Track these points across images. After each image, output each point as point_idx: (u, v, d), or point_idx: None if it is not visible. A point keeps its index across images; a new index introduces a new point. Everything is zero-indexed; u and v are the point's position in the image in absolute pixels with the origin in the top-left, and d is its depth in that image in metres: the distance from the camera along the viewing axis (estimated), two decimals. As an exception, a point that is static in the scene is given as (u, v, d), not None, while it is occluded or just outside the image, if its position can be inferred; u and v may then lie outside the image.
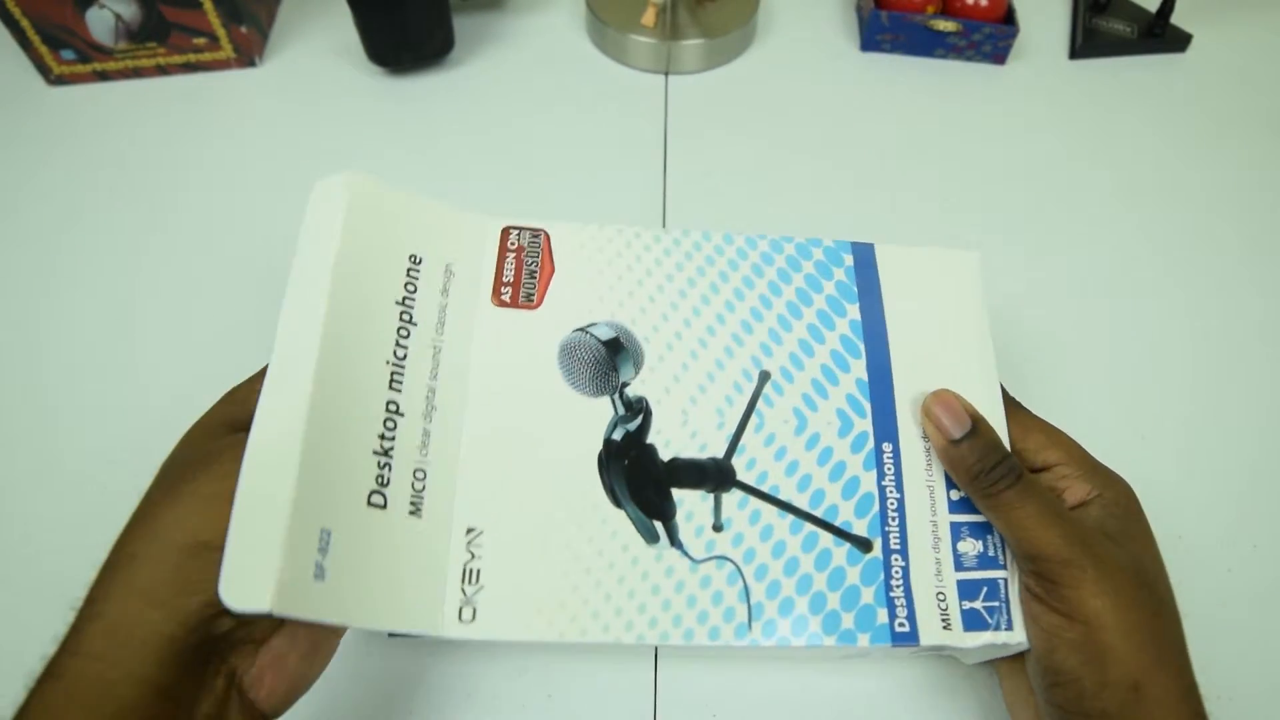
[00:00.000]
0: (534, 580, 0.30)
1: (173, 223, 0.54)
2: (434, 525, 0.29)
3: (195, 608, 0.25)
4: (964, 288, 0.36)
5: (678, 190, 0.56)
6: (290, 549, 0.24)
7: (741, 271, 0.36)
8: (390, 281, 0.31)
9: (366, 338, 0.30)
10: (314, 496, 0.26)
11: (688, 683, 0.37)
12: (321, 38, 0.66)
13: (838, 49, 0.67)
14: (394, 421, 0.29)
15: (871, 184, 0.57)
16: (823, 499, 0.32)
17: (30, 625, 0.38)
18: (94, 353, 0.48)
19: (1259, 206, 0.57)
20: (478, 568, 0.29)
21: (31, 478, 0.43)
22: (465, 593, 0.29)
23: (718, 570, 0.30)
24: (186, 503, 0.26)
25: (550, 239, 0.36)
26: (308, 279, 0.30)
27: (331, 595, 0.25)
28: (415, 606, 0.28)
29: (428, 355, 0.31)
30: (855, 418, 0.33)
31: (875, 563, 0.31)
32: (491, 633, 0.29)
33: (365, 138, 0.60)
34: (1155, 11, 0.67)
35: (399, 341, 0.30)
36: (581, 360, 0.33)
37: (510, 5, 0.69)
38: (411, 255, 0.32)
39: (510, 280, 0.34)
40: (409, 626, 0.28)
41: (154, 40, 0.61)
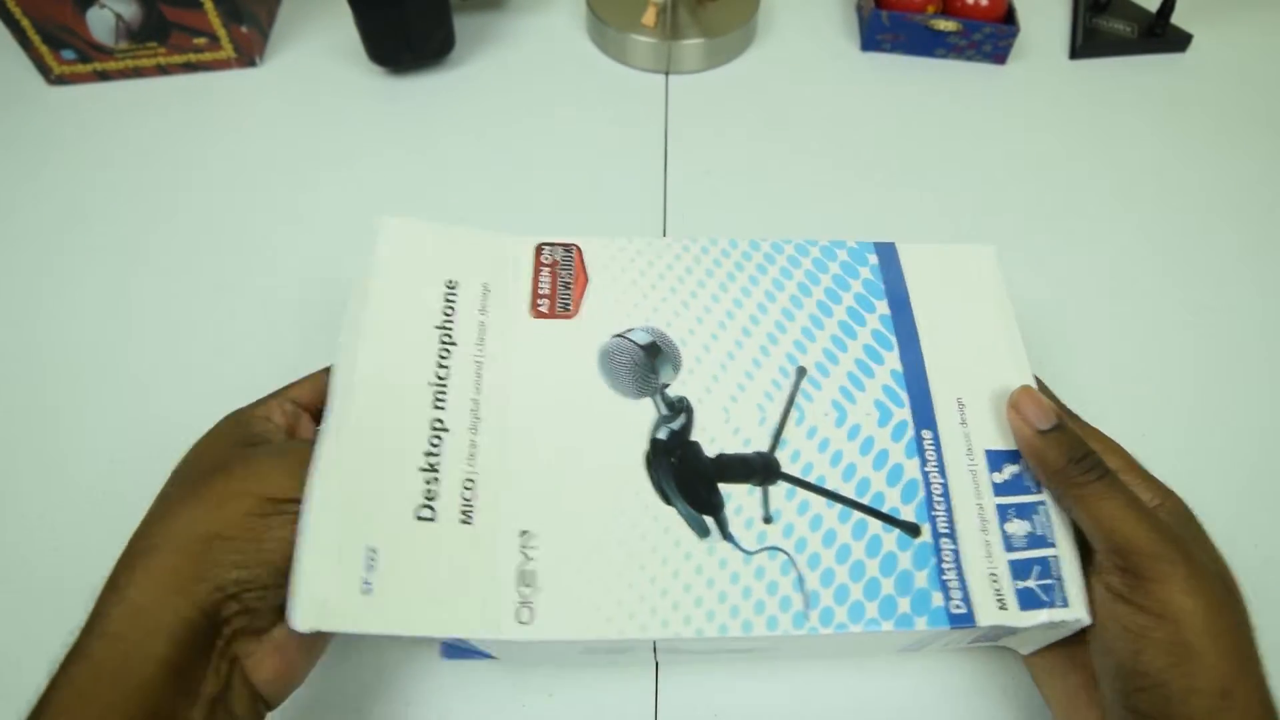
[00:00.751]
0: (590, 580, 0.30)
1: (173, 222, 0.54)
2: (486, 531, 0.30)
3: (207, 592, 0.27)
4: (985, 280, 0.38)
5: (678, 190, 0.56)
6: (335, 571, 0.27)
7: (770, 274, 0.37)
8: (428, 309, 0.34)
9: (408, 366, 0.32)
10: (358, 519, 0.28)
11: (688, 683, 0.37)
12: (321, 38, 0.66)
13: (838, 49, 0.67)
14: (440, 437, 0.31)
15: (871, 183, 0.57)
16: (868, 487, 0.32)
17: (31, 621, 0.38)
18: (94, 352, 0.48)
19: (1259, 206, 0.57)
20: (533, 569, 0.30)
21: (31, 477, 0.43)
22: (522, 595, 0.29)
23: (770, 561, 0.31)
24: (202, 501, 0.29)
25: (582, 252, 0.37)
26: (352, 321, 0.33)
27: (379, 608, 0.27)
28: (471, 612, 0.28)
29: (470, 371, 0.33)
30: (893, 407, 0.34)
31: (925, 547, 0.31)
32: (551, 633, 0.29)
33: (365, 138, 0.60)
34: (1155, 11, 0.67)
35: (440, 362, 0.32)
36: (622, 364, 0.34)
37: (510, 5, 0.70)
38: (448, 281, 0.34)
39: (547, 293, 0.35)
40: (466, 632, 0.28)
41: (154, 40, 0.61)
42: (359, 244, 0.53)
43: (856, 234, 0.55)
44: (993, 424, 0.34)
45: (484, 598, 0.29)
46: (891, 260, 0.38)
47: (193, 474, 0.30)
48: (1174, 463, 0.35)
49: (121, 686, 0.25)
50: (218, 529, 0.28)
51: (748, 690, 0.37)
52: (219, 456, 0.31)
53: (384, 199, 0.56)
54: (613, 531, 0.31)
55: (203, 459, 0.31)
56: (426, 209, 0.55)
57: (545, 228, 0.54)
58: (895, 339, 0.36)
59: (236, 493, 0.28)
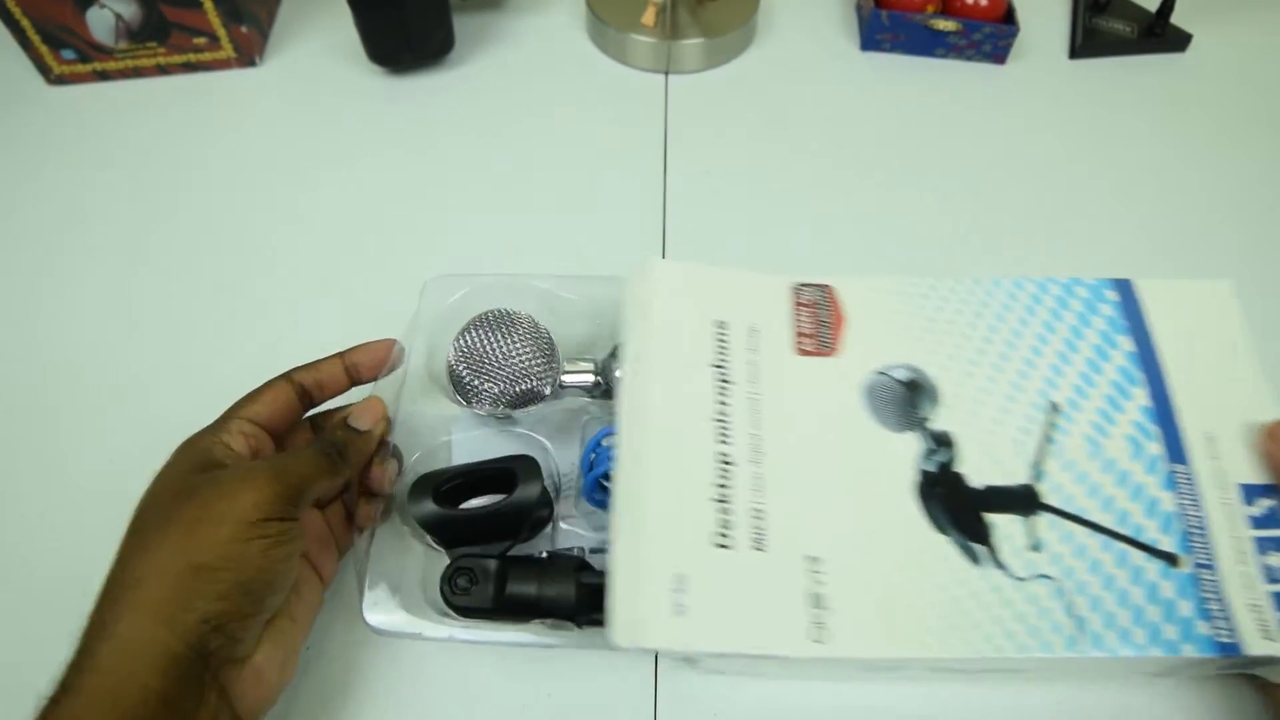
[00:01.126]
0: (877, 602, 0.32)
1: (172, 222, 0.54)
2: (777, 557, 0.32)
3: (194, 623, 0.28)
4: (1223, 314, 0.39)
5: (678, 190, 0.56)
6: (649, 594, 0.30)
7: (1015, 313, 0.39)
8: (703, 348, 0.36)
9: (692, 402, 0.34)
10: (666, 549, 0.31)
11: (688, 683, 0.37)
12: (321, 38, 0.66)
13: (838, 48, 0.67)
14: (727, 470, 0.33)
15: (871, 183, 0.57)
16: (1127, 519, 0.33)
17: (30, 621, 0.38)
18: (93, 351, 0.48)
19: (1259, 206, 0.57)
20: (823, 592, 0.32)
21: (31, 476, 0.43)
22: (814, 616, 0.31)
23: (1041, 587, 0.32)
24: (179, 530, 0.29)
25: (836, 291, 0.39)
26: (634, 358, 0.35)
27: (693, 627, 0.30)
28: (771, 631, 0.31)
29: (747, 406, 0.35)
30: (1146, 442, 0.35)
31: (1187, 577, 0.32)
32: (845, 651, 0.31)
33: (365, 138, 0.60)
34: (1155, 11, 0.67)
35: (719, 399, 0.35)
36: (885, 400, 0.36)
37: (510, 5, 0.70)
38: (718, 321, 0.37)
39: (808, 332, 0.38)
40: (768, 649, 0.30)
41: (154, 40, 0.61)
42: (359, 244, 0.54)
43: (857, 232, 0.55)
44: (1244, 458, 0.35)
45: (782, 618, 0.31)
46: (1130, 296, 0.39)
47: (162, 504, 0.31)
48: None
49: (113, 718, 0.26)
50: (199, 559, 0.28)
51: (747, 687, 0.37)
52: (184, 484, 0.31)
53: (384, 199, 0.56)
54: (893, 557, 0.33)
55: (166, 489, 0.32)
56: (426, 209, 0.55)
57: (545, 227, 0.54)
58: (1142, 374, 0.37)
59: (212, 518, 0.29)
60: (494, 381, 0.38)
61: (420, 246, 0.53)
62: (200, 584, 0.28)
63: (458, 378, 0.38)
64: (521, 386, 0.38)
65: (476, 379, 0.38)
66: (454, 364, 0.38)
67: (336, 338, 0.48)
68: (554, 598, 0.33)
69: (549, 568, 0.34)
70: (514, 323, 0.39)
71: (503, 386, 0.38)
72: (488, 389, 0.38)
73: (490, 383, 0.38)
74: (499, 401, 0.38)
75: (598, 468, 0.37)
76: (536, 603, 0.33)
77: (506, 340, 0.38)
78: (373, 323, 0.49)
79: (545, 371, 0.38)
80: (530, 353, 0.38)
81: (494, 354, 0.38)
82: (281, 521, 0.30)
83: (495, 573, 0.34)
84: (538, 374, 0.38)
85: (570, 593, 0.33)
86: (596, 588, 0.33)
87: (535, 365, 0.38)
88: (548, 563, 0.35)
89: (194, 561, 0.28)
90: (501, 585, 0.33)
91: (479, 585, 0.33)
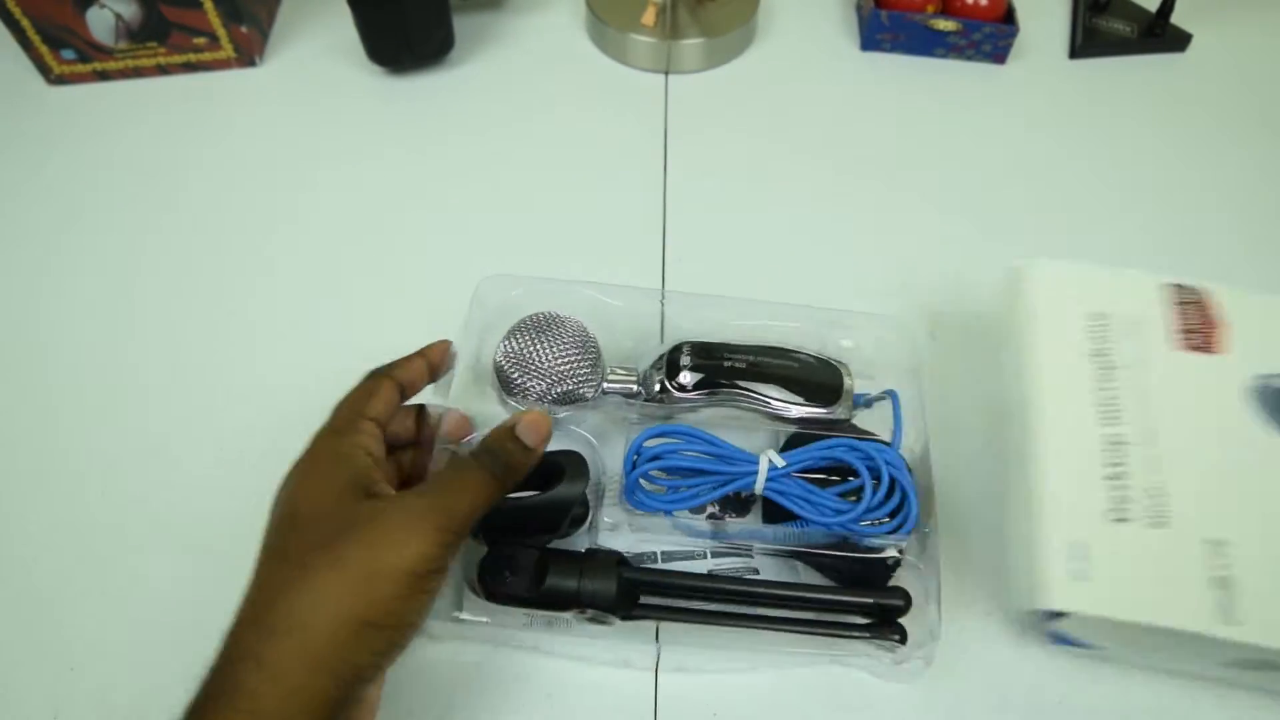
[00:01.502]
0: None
1: (172, 222, 0.54)
2: (1179, 535, 0.34)
3: (351, 673, 0.28)
4: None
5: (678, 190, 0.56)
6: (1051, 561, 0.33)
7: None
8: (1084, 339, 0.39)
9: (1076, 388, 0.37)
10: (1062, 520, 0.34)
11: (688, 683, 0.37)
12: (321, 38, 0.66)
13: (838, 48, 0.67)
14: (1119, 451, 0.36)
15: (871, 183, 0.57)
16: None
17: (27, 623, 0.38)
18: (93, 352, 0.48)
19: (1259, 206, 0.57)
20: (1230, 576, 0.33)
21: (30, 477, 0.43)
22: (1222, 599, 0.32)
23: None
24: (346, 579, 0.28)
25: (1211, 295, 0.41)
26: (1019, 354, 0.39)
27: (1095, 592, 0.33)
28: (1172, 605, 0.32)
29: (1132, 393, 0.37)
30: None
31: None
32: (1258, 637, 0.32)
33: (365, 138, 0.60)
34: (1155, 11, 0.67)
35: (1103, 386, 0.37)
36: (1274, 405, 0.37)
37: (510, 5, 0.70)
38: (1097, 314, 0.39)
39: (1190, 328, 0.39)
40: (1171, 622, 0.32)
41: (154, 40, 0.61)
42: (358, 243, 0.53)
43: (856, 232, 0.55)
44: None
45: (1187, 595, 0.33)
46: None
47: (323, 530, 0.29)
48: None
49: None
50: (369, 615, 0.28)
51: (747, 686, 0.37)
52: (345, 513, 0.30)
53: (384, 199, 0.56)
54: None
55: (324, 506, 0.30)
56: (426, 209, 0.55)
57: (545, 228, 0.54)
58: None
59: (383, 573, 0.28)
60: (536, 380, 0.39)
61: (420, 246, 0.53)
62: (367, 640, 0.28)
63: (505, 376, 0.39)
64: (563, 388, 0.39)
65: (523, 377, 0.39)
66: (501, 363, 0.39)
67: (338, 337, 0.48)
68: (595, 591, 0.34)
69: (589, 562, 0.35)
70: (561, 326, 0.40)
71: (545, 385, 0.39)
72: (532, 386, 0.39)
73: (533, 381, 0.39)
74: (543, 399, 0.39)
75: (639, 467, 0.37)
76: (577, 595, 0.34)
77: (553, 343, 0.39)
78: (374, 322, 0.49)
79: (589, 375, 0.39)
80: (575, 357, 0.39)
81: (540, 356, 0.39)
82: (443, 572, 0.30)
83: (535, 564, 0.35)
84: (580, 376, 0.39)
85: (612, 587, 0.34)
86: (637, 582, 0.34)
87: (580, 369, 0.39)
88: (588, 557, 0.35)
89: (364, 617, 0.28)
90: (541, 576, 0.34)
91: (518, 576, 0.34)
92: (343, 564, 0.28)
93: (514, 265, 0.45)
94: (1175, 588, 0.33)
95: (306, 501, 0.31)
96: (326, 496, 0.31)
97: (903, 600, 0.35)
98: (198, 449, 0.44)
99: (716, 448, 0.38)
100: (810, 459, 0.37)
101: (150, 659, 0.37)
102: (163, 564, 0.40)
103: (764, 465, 0.37)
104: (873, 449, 0.37)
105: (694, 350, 0.40)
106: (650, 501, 0.37)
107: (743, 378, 0.39)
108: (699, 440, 0.38)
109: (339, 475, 0.31)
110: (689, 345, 0.40)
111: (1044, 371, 0.38)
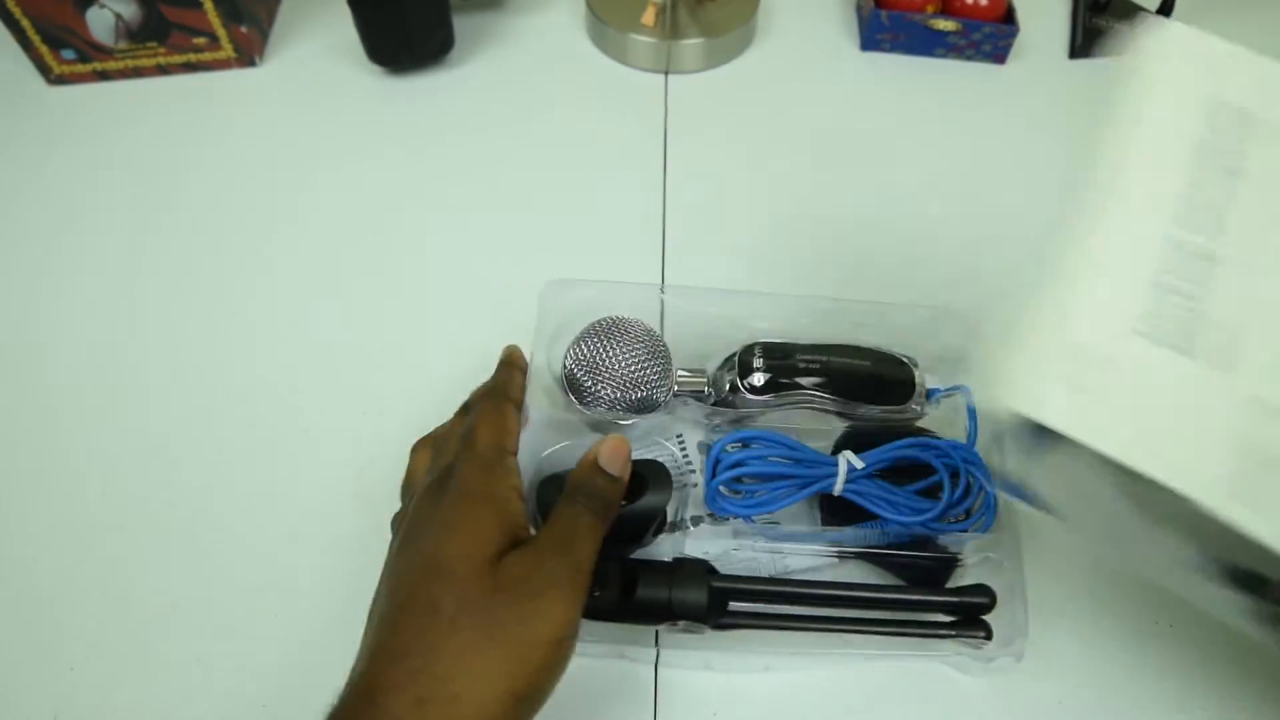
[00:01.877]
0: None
1: (172, 222, 0.54)
2: (1214, 377, 0.26)
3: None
4: None
5: (678, 190, 0.56)
6: (1046, 356, 0.26)
7: None
8: (1196, 123, 0.31)
9: (1165, 172, 0.30)
10: (1075, 311, 0.27)
11: (688, 682, 0.37)
12: (321, 38, 0.66)
13: (838, 49, 0.67)
14: (1192, 265, 0.28)
15: (871, 183, 0.57)
16: None
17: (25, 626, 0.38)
18: (93, 351, 0.48)
19: (1259, 206, 0.57)
20: (1271, 453, 0.25)
21: (30, 477, 0.43)
22: (1249, 471, 0.25)
23: None
24: (504, 654, 0.27)
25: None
26: (1120, 121, 0.31)
27: (1091, 412, 0.25)
28: (1177, 455, 0.25)
29: (1224, 199, 0.29)
30: None
31: None
32: (1266, 531, 0.25)
33: (365, 138, 0.60)
34: (1155, 11, 0.67)
35: (1198, 181, 0.30)
36: None
37: (510, 5, 0.69)
38: (1230, 106, 0.32)
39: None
40: (1164, 473, 0.25)
41: (154, 40, 0.61)
42: (357, 244, 0.53)
43: (856, 233, 0.55)
44: None
45: (1205, 451, 0.25)
46: None
47: (471, 589, 0.28)
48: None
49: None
50: (518, 688, 0.27)
51: (747, 686, 0.37)
52: (493, 571, 0.28)
53: (384, 199, 0.56)
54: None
55: (472, 563, 0.28)
56: (425, 209, 0.55)
57: (544, 228, 0.54)
58: None
59: (533, 641, 0.27)
60: (608, 387, 0.38)
61: (419, 247, 0.53)
62: (514, 713, 0.27)
63: (575, 382, 0.39)
64: (636, 394, 0.38)
65: (593, 383, 0.39)
66: (573, 369, 0.39)
67: (338, 337, 0.48)
68: (685, 601, 0.33)
69: (678, 572, 0.34)
70: (629, 330, 0.39)
71: (618, 393, 0.38)
72: (604, 394, 0.38)
73: (605, 388, 0.38)
74: (615, 406, 0.38)
75: (720, 475, 0.37)
76: (668, 605, 0.33)
77: (621, 348, 0.39)
78: (374, 321, 0.49)
79: (660, 380, 0.39)
80: (644, 360, 0.39)
81: (608, 361, 0.39)
82: (578, 634, 0.29)
83: (621, 574, 0.34)
84: (652, 382, 0.39)
85: (703, 597, 0.33)
86: (727, 591, 0.34)
87: (650, 373, 0.39)
88: (676, 567, 0.35)
89: (515, 691, 0.27)
90: (630, 589, 0.33)
91: (607, 589, 0.33)
92: (499, 634, 0.27)
93: (514, 265, 0.45)
94: (1198, 443, 0.25)
95: (458, 549, 0.29)
96: (478, 547, 0.29)
97: (988, 598, 0.34)
98: (198, 449, 0.44)
99: (795, 451, 0.37)
100: (888, 459, 0.37)
101: (150, 659, 0.37)
102: (163, 564, 0.40)
103: (843, 467, 0.36)
104: (949, 445, 0.36)
105: (766, 351, 0.39)
106: (730, 507, 0.37)
107: (814, 376, 0.39)
108: (778, 445, 0.37)
109: (491, 523, 0.30)
110: (760, 345, 0.40)
111: (1135, 147, 0.30)
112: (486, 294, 0.50)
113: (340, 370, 0.47)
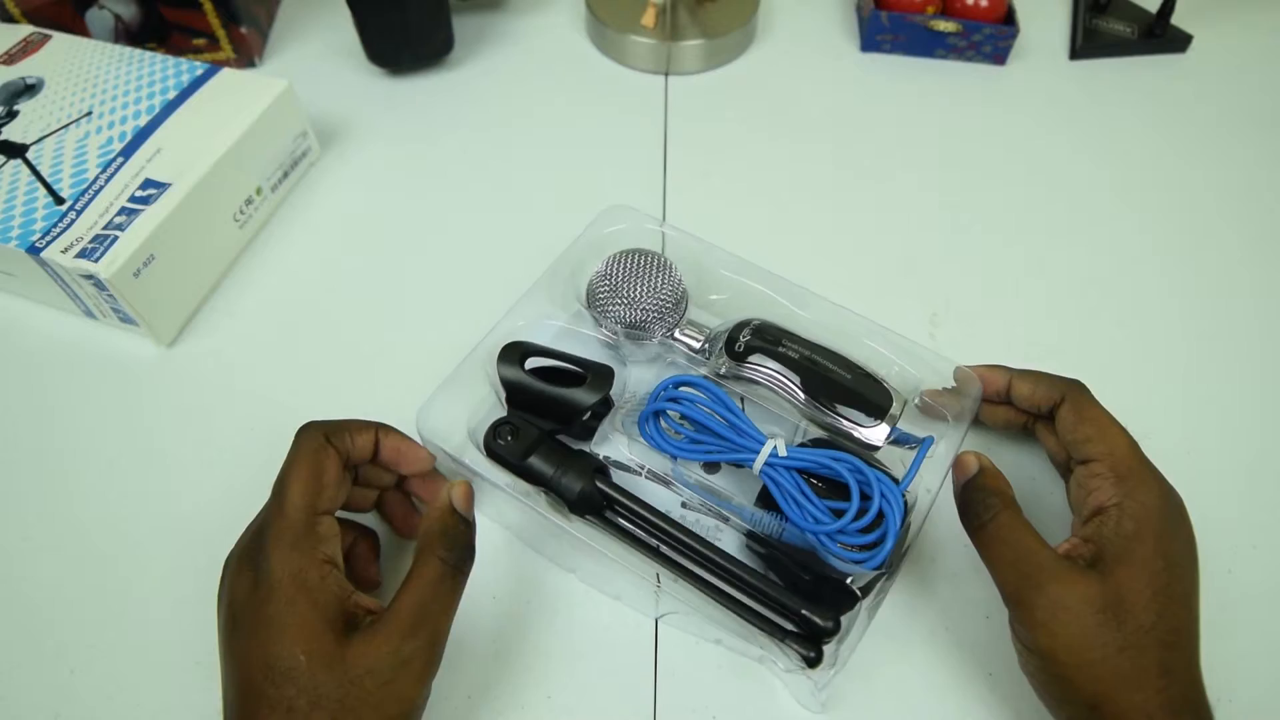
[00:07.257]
0: None
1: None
2: None
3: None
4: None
5: (678, 190, 0.56)
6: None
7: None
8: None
9: None
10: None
11: (688, 683, 0.37)
12: (321, 38, 0.66)
13: (838, 49, 0.67)
14: None
15: (871, 184, 0.57)
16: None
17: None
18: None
19: (1259, 206, 0.57)
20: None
21: (30, 477, 0.43)
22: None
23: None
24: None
25: None
26: None
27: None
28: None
29: None
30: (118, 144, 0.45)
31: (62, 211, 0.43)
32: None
33: (365, 138, 0.60)
34: (1155, 12, 0.67)
35: None
36: None
37: (510, 5, 0.70)
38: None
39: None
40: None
41: (154, 40, 0.61)
42: (356, 244, 0.53)
43: (856, 233, 0.55)
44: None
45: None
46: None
47: (312, 694, 0.28)
48: (1173, 463, 0.35)
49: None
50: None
51: (746, 685, 0.37)
52: (333, 669, 0.28)
53: (383, 199, 0.56)
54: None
55: (309, 666, 0.28)
56: (425, 209, 0.55)
57: (544, 228, 0.54)
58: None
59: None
60: (620, 306, 0.42)
61: (419, 247, 0.53)
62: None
63: (594, 294, 0.43)
64: (636, 316, 0.42)
65: (611, 302, 0.42)
66: (596, 283, 0.43)
67: (336, 336, 0.48)
68: (564, 484, 0.37)
69: (572, 458, 0.37)
70: (666, 271, 0.43)
71: (623, 313, 0.42)
72: (615, 311, 0.42)
73: (617, 306, 0.42)
74: (618, 322, 0.42)
75: (655, 403, 0.39)
76: (548, 480, 0.37)
77: (651, 281, 0.42)
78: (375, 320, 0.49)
79: (665, 317, 0.43)
80: (663, 295, 0.42)
81: (632, 286, 0.42)
82: (429, 696, 0.31)
83: (533, 440, 0.38)
84: (656, 314, 0.42)
85: (576, 486, 0.36)
86: (606, 496, 0.37)
87: (661, 307, 0.42)
88: (575, 455, 0.38)
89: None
90: (530, 450, 0.37)
91: (514, 443, 0.37)
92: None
93: (512, 265, 0.45)
94: None
95: (290, 651, 0.28)
96: (312, 643, 0.28)
97: (833, 623, 0.33)
98: (198, 450, 0.44)
99: (734, 416, 0.38)
100: (813, 462, 0.36)
101: (150, 660, 0.37)
102: (163, 565, 0.40)
103: (767, 449, 0.37)
104: (876, 476, 0.35)
105: (757, 329, 0.41)
106: (658, 439, 0.39)
107: (792, 368, 0.40)
108: (720, 404, 0.38)
109: (312, 616, 0.29)
110: (756, 322, 0.42)
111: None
112: (486, 293, 0.49)
113: (340, 369, 0.47)
